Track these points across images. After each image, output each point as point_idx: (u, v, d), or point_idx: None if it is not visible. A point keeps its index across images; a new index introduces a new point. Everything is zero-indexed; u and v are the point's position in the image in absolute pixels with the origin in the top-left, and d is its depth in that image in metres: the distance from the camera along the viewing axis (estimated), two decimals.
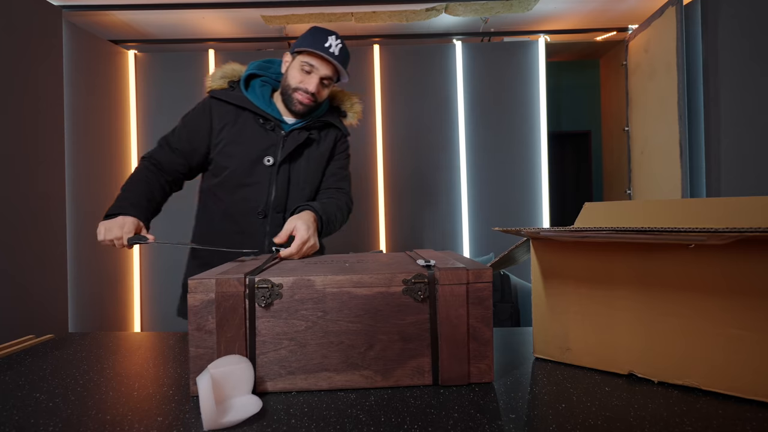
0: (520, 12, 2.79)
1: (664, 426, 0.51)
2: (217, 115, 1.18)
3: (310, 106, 1.17)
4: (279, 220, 1.17)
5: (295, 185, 1.21)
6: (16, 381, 0.69)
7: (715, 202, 0.65)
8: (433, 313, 0.64)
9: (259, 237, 1.17)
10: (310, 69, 1.15)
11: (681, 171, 2.29)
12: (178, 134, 1.19)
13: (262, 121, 1.18)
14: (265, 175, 1.17)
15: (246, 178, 1.16)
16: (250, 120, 1.18)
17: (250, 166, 1.16)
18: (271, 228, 1.17)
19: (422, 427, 0.52)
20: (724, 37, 2.15)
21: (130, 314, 2.76)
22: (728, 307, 0.57)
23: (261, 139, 1.17)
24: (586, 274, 0.70)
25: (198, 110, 1.20)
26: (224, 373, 0.56)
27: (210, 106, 1.19)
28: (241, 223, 1.17)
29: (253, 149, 1.16)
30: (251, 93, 1.20)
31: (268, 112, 1.18)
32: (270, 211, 1.18)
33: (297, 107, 1.17)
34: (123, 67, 2.77)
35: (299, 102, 1.16)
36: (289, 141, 1.18)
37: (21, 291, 1.96)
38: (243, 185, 1.17)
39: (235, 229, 1.17)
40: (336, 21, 2.84)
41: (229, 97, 1.18)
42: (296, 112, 1.19)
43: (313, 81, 1.15)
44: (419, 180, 2.87)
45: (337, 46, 1.15)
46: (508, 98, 2.85)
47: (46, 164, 2.12)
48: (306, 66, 1.14)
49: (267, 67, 1.25)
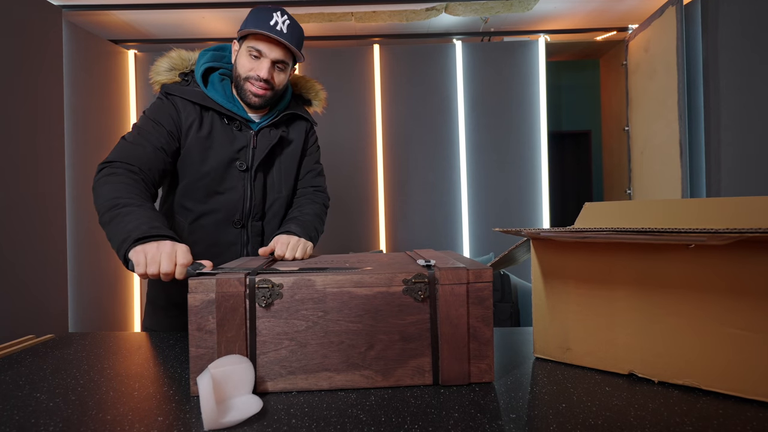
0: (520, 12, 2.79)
1: (664, 426, 0.51)
2: (183, 112, 1.03)
3: (265, 96, 1.04)
4: (258, 229, 1.09)
5: (272, 188, 1.11)
6: (17, 381, 0.69)
7: (715, 202, 0.65)
8: (433, 312, 0.64)
9: (237, 248, 1.07)
10: (258, 54, 1.01)
11: (681, 171, 2.29)
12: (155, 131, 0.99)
13: (228, 122, 1.06)
14: (239, 180, 1.06)
15: (218, 185, 1.05)
16: (215, 120, 1.05)
17: (223, 172, 1.04)
18: (250, 238, 1.08)
19: (422, 426, 0.52)
20: (724, 37, 2.15)
21: (130, 314, 2.76)
22: (728, 307, 0.57)
23: (230, 141, 1.05)
24: (587, 275, 0.70)
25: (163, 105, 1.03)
26: (225, 372, 0.56)
27: (173, 102, 1.03)
28: (216, 234, 1.06)
29: (223, 153, 1.04)
30: (212, 90, 1.05)
31: (233, 111, 1.05)
32: (248, 220, 1.08)
33: (251, 99, 1.04)
34: (123, 67, 2.77)
35: (252, 93, 1.03)
36: (261, 141, 1.07)
37: (21, 291, 1.96)
38: (215, 193, 1.05)
39: (209, 241, 1.05)
40: (336, 21, 2.84)
41: (189, 95, 1.03)
42: (253, 105, 1.05)
43: (263, 66, 1.01)
44: (419, 180, 2.87)
45: (284, 23, 1.00)
46: (508, 98, 2.85)
47: (46, 164, 2.12)
48: (254, 51, 1.01)
49: (222, 57, 1.10)
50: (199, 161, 1.03)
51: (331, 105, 2.88)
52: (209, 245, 1.05)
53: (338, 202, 2.85)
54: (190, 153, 1.03)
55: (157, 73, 1.07)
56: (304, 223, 1.04)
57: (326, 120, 2.88)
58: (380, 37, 2.92)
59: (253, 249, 1.09)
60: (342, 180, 2.84)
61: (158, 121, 1.00)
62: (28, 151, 2.02)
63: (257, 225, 1.09)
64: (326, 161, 1.40)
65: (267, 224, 1.11)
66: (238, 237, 1.07)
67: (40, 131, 2.09)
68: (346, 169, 2.86)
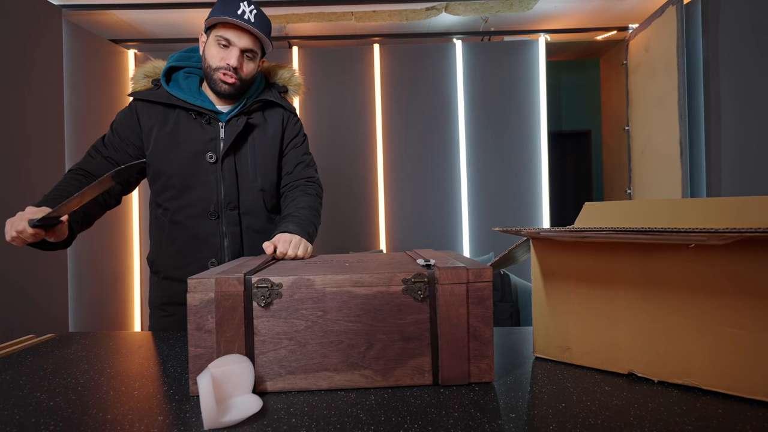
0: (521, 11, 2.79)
1: (664, 425, 0.51)
2: (144, 116, 1.07)
3: (235, 84, 1.06)
4: (234, 218, 1.10)
5: (245, 178, 1.11)
6: (17, 380, 0.69)
7: (715, 202, 0.65)
8: (433, 312, 0.64)
9: (215, 239, 1.09)
10: (227, 42, 1.04)
11: (681, 170, 2.29)
12: (108, 142, 1.08)
13: (195, 116, 1.08)
14: (210, 172, 1.07)
15: (189, 180, 1.06)
16: (182, 117, 1.07)
17: (192, 166, 1.06)
18: (227, 228, 1.09)
19: (422, 426, 0.52)
20: (725, 37, 2.15)
21: (130, 314, 2.76)
22: (728, 306, 0.57)
23: (197, 135, 1.07)
24: (587, 274, 0.70)
25: (124, 115, 1.10)
26: (225, 372, 0.56)
27: (135, 108, 1.08)
28: (193, 228, 1.08)
29: (191, 147, 1.06)
30: (175, 87, 1.09)
31: (198, 105, 1.07)
32: (222, 211, 1.09)
33: (222, 87, 1.06)
34: (123, 67, 2.77)
35: (222, 82, 1.05)
36: (228, 131, 1.08)
37: (21, 291, 1.96)
38: (187, 188, 1.07)
39: (188, 235, 1.08)
40: (336, 20, 2.84)
41: (153, 96, 1.07)
42: (223, 94, 1.08)
43: (232, 55, 1.03)
44: (419, 179, 2.87)
45: (251, 12, 1.03)
46: (509, 98, 2.85)
47: (46, 164, 2.12)
48: (222, 40, 1.03)
49: (189, 57, 1.14)
50: (167, 159, 1.06)
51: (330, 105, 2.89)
52: (189, 239, 1.08)
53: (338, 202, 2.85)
54: (156, 152, 1.07)
55: (135, 82, 1.13)
56: (300, 220, 1.04)
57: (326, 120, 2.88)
58: (380, 36, 2.92)
59: (232, 240, 1.09)
60: (342, 180, 2.84)
61: (116, 131, 1.09)
62: (28, 151, 2.02)
63: (233, 215, 1.09)
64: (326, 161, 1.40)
65: (244, 214, 1.11)
66: (215, 228, 1.08)
67: (40, 131, 2.09)
68: (346, 168, 2.86)
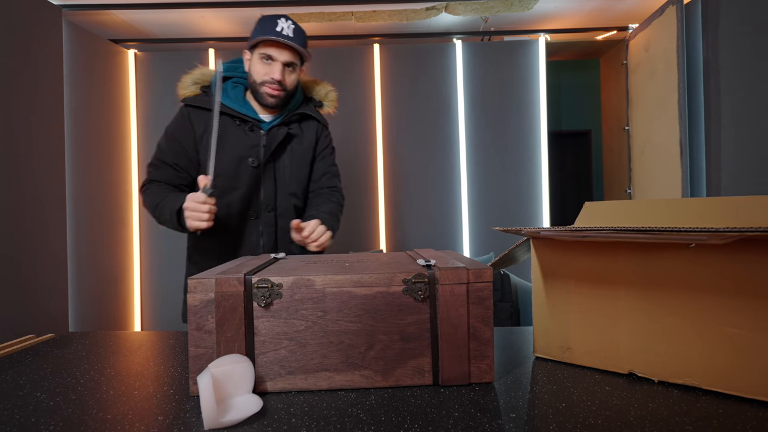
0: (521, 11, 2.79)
1: (664, 425, 0.51)
2: (196, 121, 1.17)
3: (280, 96, 1.17)
4: (271, 219, 1.20)
5: (282, 183, 1.21)
6: (17, 380, 0.69)
7: (715, 202, 0.65)
8: (433, 312, 0.64)
9: (253, 238, 1.19)
10: (270, 58, 1.14)
11: (681, 170, 2.29)
12: (168, 150, 1.18)
13: (240, 123, 1.18)
14: (252, 176, 1.18)
15: (233, 182, 1.17)
16: (228, 123, 1.17)
17: (235, 170, 1.17)
18: (264, 228, 1.19)
19: (422, 426, 0.52)
20: (725, 36, 2.15)
21: (130, 314, 2.76)
22: (729, 306, 0.57)
23: (242, 141, 1.17)
24: (587, 274, 0.70)
25: (178, 121, 1.20)
26: (225, 372, 0.56)
27: (188, 114, 1.18)
28: (234, 226, 1.18)
29: (236, 152, 1.16)
30: (224, 96, 1.18)
31: (244, 113, 1.18)
32: (261, 212, 1.19)
33: (268, 101, 1.17)
34: (123, 67, 2.77)
35: (268, 95, 1.16)
36: (270, 139, 1.19)
37: (21, 291, 1.96)
38: (231, 189, 1.17)
39: (230, 233, 1.18)
40: (336, 20, 2.84)
41: (204, 103, 1.17)
42: (270, 106, 1.18)
43: (276, 69, 1.14)
44: (419, 179, 2.87)
45: (289, 27, 1.13)
46: (508, 97, 2.85)
47: (46, 164, 2.12)
48: (265, 57, 1.14)
49: (236, 67, 1.24)
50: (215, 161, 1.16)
51: None
52: (230, 237, 1.19)
53: None
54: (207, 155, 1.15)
55: (183, 88, 1.21)
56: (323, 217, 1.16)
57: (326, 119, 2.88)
58: (380, 36, 2.92)
59: (267, 239, 1.20)
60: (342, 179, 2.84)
61: (172, 137, 1.19)
62: (28, 151, 2.02)
63: (270, 216, 1.20)
64: None
65: (279, 216, 1.22)
66: (254, 227, 1.19)
67: (40, 131, 2.09)
68: (346, 168, 2.86)
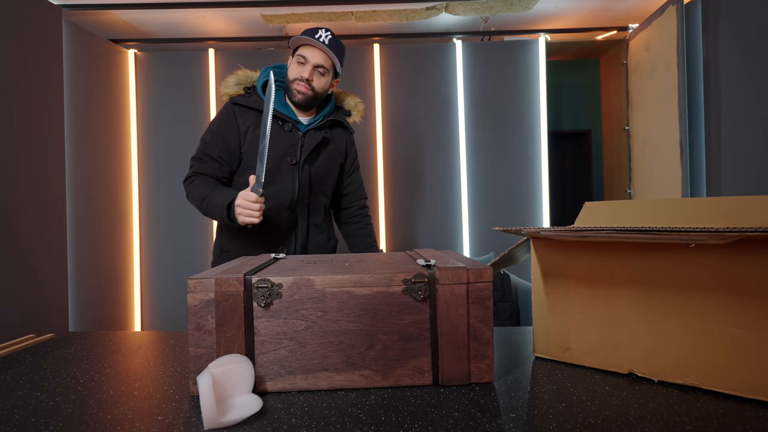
0: (521, 11, 2.79)
1: (664, 425, 0.51)
2: (241, 119, 1.28)
3: (307, 95, 1.27)
4: (304, 213, 1.32)
5: (315, 182, 1.33)
6: (17, 380, 0.69)
7: (715, 202, 0.65)
8: (433, 312, 0.63)
9: (287, 230, 1.31)
10: (303, 60, 1.25)
11: (681, 170, 2.29)
12: (213, 144, 1.27)
13: (281, 123, 1.28)
14: (290, 173, 1.28)
15: (273, 177, 1.26)
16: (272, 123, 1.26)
17: (275, 165, 1.26)
18: (298, 221, 1.31)
19: (422, 426, 0.52)
20: (725, 36, 2.15)
21: (130, 314, 2.76)
22: (729, 306, 0.57)
23: (282, 140, 1.27)
24: (587, 274, 0.70)
25: (224, 117, 1.29)
26: (225, 372, 0.56)
27: (233, 111, 1.28)
28: (271, 218, 1.28)
29: (277, 150, 1.26)
30: None
31: (285, 114, 1.28)
32: (296, 206, 1.30)
33: (297, 97, 1.27)
34: (123, 67, 2.77)
35: (298, 91, 1.26)
36: (308, 141, 1.30)
37: (21, 291, 1.96)
38: (270, 183, 1.26)
39: (269, 223, 1.28)
40: (336, 20, 2.84)
41: (250, 102, 1.28)
42: (297, 103, 1.28)
43: (306, 68, 1.25)
44: (419, 179, 2.86)
45: (327, 37, 1.25)
46: (508, 97, 2.85)
47: (46, 164, 2.11)
48: (300, 58, 1.26)
49: (279, 72, 1.34)
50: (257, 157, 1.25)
51: None
52: (269, 226, 1.29)
53: None
54: (249, 150, 1.28)
55: (226, 87, 1.32)
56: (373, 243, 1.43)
57: None
58: (380, 36, 2.92)
59: (300, 231, 1.32)
60: None
61: (218, 132, 1.28)
62: (28, 151, 2.02)
63: (303, 211, 1.32)
64: None
65: (312, 211, 1.34)
66: (289, 220, 1.30)
67: (40, 131, 2.09)
68: None
